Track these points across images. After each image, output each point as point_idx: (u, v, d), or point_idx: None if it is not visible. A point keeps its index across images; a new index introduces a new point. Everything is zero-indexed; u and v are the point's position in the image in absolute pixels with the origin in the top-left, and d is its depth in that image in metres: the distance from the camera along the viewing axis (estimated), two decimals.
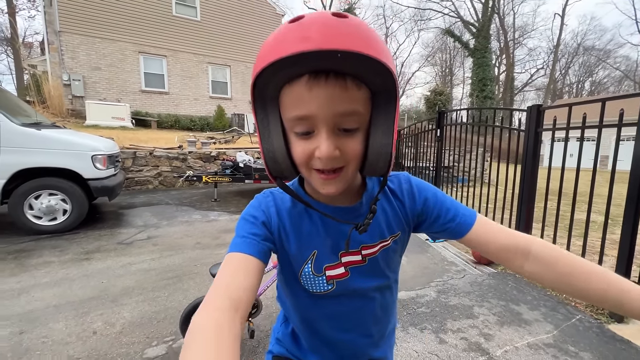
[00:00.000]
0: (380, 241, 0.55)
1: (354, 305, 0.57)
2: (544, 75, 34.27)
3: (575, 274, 0.46)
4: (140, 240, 3.45)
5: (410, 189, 0.57)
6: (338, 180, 0.45)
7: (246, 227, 0.50)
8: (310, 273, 0.54)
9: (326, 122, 0.41)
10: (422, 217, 0.56)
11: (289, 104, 0.42)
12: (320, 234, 0.53)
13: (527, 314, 2.04)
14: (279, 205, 0.54)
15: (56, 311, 2.02)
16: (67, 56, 10.13)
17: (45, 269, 2.65)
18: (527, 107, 2.62)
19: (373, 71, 0.39)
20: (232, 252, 0.47)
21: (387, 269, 0.57)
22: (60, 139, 3.61)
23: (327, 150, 0.41)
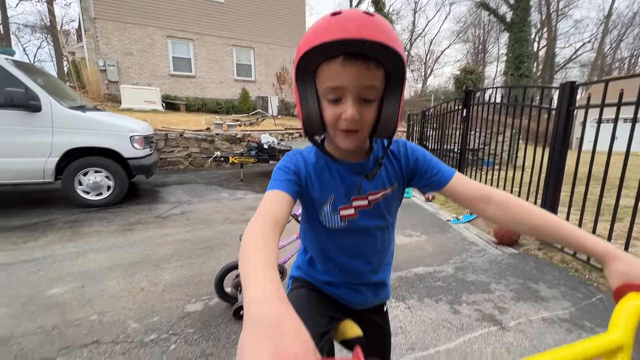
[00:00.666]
0: (383, 189, 0.70)
1: (359, 239, 0.72)
2: (591, 49, 31.10)
3: (524, 214, 0.60)
4: (175, 214, 3.75)
5: (406, 151, 0.73)
6: (356, 138, 0.60)
7: (281, 174, 0.65)
8: (329, 212, 0.69)
9: (352, 93, 0.55)
10: (413, 172, 0.72)
11: (326, 77, 0.56)
12: (337, 183, 0.69)
13: (545, 291, 2.06)
14: (306, 160, 0.69)
15: (109, 271, 2.32)
16: (102, 42, 10.63)
17: (96, 237, 2.98)
18: (560, 84, 2.50)
19: (389, 57, 0.53)
20: (270, 190, 0.60)
21: (387, 213, 0.73)
22: (102, 121, 3.92)
23: (351, 114, 0.55)
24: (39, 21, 25.50)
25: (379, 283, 0.79)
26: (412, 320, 1.75)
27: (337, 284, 0.76)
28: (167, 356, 1.50)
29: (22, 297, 1.95)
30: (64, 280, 2.17)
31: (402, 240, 3.05)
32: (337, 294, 0.76)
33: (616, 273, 0.49)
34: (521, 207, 0.61)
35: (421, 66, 33.29)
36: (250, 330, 0.29)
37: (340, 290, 0.76)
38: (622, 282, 0.48)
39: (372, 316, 0.81)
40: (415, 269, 2.40)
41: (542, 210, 0.60)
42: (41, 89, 3.54)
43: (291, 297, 0.75)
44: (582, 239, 0.55)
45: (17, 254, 2.57)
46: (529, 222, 0.60)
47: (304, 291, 0.76)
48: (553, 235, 0.58)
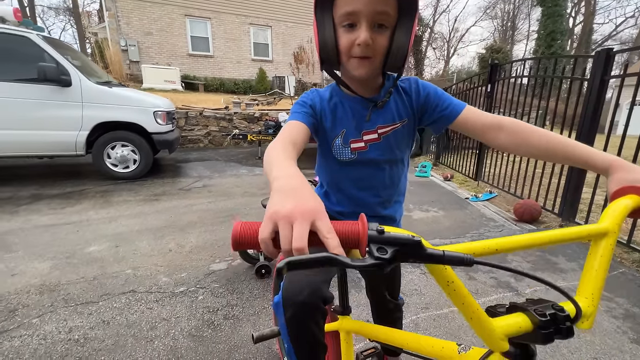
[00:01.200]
0: (392, 123, 0.73)
1: (369, 171, 0.77)
2: (635, 25, 28.51)
3: (533, 137, 0.62)
4: (197, 187, 3.90)
5: (417, 87, 0.74)
6: (368, 65, 0.63)
7: (298, 107, 0.72)
8: (340, 144, 0.74)
9: (366, 17, 0.58)
10: (424, 107, 0.74)
11: (342, 3, 0.60)
12: (348, 117, 0.73)
13: (564, 264, 2.05)
14: (321, 96, 0.75)
15: (139, 234, 2.48)
16: (123, 22, 10.77)
17: (125, 205, 3.17)
18: (595, 52, 2.35)
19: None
20: (289, 121, 0.68)
21: (396, 148, 0.75)
22: (127, 96, 4.05)
23: (365, 38, 0.59)
24: (61, 3, 26.01)
25: (388, 217, 0.83)
26: (427, 284, 1.80)
27: (349, 214, 0.81)
28: (196, 304, 1.63)
29: (65, 252, 2.14)
30: (100, 240, 2.35)
31: (419, 215, 3.06)
32: None
33: (616, 180, 0.50)
34: (530, 130, 0.63)
35: (444, 45, 31.79)
36: (277, 193, 0.36)
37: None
38: (621, 185, 0.49)
39: None
40: (432, 240, 2.43)
41: (551, 132, 0.62)
42: (70, 64, 3.68)
43: None
44: (587, 154, 0.56)
45: (56, 218, 2.78)
46: (538, 143, 0.61)
47: None
48: (560, 153, 0.59)
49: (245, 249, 0.28)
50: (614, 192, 0.49)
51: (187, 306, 1.62)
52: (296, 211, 0.32)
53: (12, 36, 3.51)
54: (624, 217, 0.45)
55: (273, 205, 0.34)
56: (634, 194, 0.47)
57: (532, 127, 0.64)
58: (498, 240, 0.40)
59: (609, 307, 1.63)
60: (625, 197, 0.47)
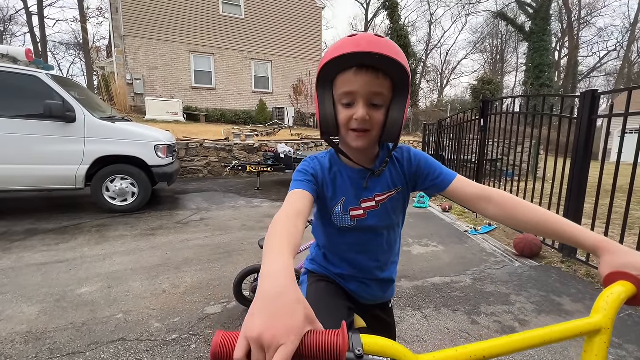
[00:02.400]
0: (388, 191, 0.77)
1: (367, 237, 0.78)
2: (617, 58, 30.03)
3: (521, 211, 0.64)
4: (195, 221, 3.87)
5: (409, 156, 0.79)
6: (365, 138, 0.68)
7: (300, 176, 0.73)
8: (340, 212, 0.76)
9: (363, 97, 0.64)
10: (416, 175, 0.77)
11: (341, 84, 0.65)
12: (347, 186, 0.76)
13: (569, 305, 1.99)
14: (322, 165, 0.78)
15: (133, 273, 2.42)
16: (130, 58, 11.27)
17: (121, 241, 3.13)
18: (581, 93, 2.46)
19: (396, 69, 0.62)
20: (292, 190, 0.68)
21: (393, 213, 0.78)
22: (129, 131, 4.14)
23: (362, 114, 0.64)
24: (73, 39, 27.36)
25: (386, 280, 0.84)
26: (428, 330, 1.73)
27: (348, 277, 0.81)
28: (188, 355, 1.55)
29: (55, 295, 2.08)
30: (93, 280, 2.29)
31: (419, 250, 3.02)
32: (348, 287, 0.82)
33: (607, 263, 0.50)
34: (519, 205, 0.65)
35: (437, 77, 33.16)
36: (257, 300, 0.35)
37: (352, 284, 0.82)
38: (612, 270, 0.49)
39: (377, 312, 0.86)
40: (432, 279, 2.37)
41: (539, 207, 0.64)
42: (76, 101, 3.80)
43: (312, 290, 0.80)
44: (575, 233, 0.57)
45: (49, 255, 2.73)
46: (526, 218, 0.63)
47: (323, 284, 0.81)
48: (549, 230, 0.61)
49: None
50: (605, 276, 0.50)
51: (179, 356, 1.54)
52: (266, 335, 0.31)
53: (23, 76, 3.65)
54: (618, 309, 0.44)
55: (248, 320, 0.34)
56: (626, 280, 0.47)
57: (519, 201, 0.66)
58: (485, 345, 0.38)
59: (618, 355, 1.56)
60: (617, 284, 0.47)
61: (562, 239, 0.59)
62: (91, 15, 23.89)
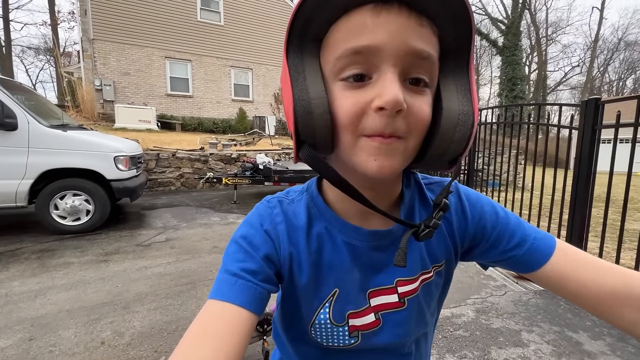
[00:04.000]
0: (422, 273, 0.40)
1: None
2: (580, 73, 32.02)
3: None
4: (159, 242, 3.40)
5: (459, 202, 0.42)
6: (396, 152, 0.31)
7: (238, 257, 0.34)
8: (328, 321, 0.39)
9: (395, 60, 0.29)
10: (475, 240, 0.41)
11: (342, 39, 0.30)
12: (345, 264, 0.38)
13: (588, 344, 1.72)
14: (290, 221, 0.38)
15: (68, 316, 1.95)
16: (100, 62, 10.60)
17: (64, 270, 2.62)
18: (582, 101, 2.28)
19: (453, 16, 0.29)
20: (213, 300, 0.33)
21: (429, 312, 0.43)
22: (84, 140, 3.65)
23: (394, 94, 0.28)
24: (42, 44, 25.96)
25: None
26: None
27: None
28: None
29: None
30: (12, 330, 1.80)
31: None
32: None
33: None
34: None
35: None
36: None
37: None
38: None
39: None
40: None
41: None
42: (19, 106, 3.29)
43: None
44: None
45: None
46: None
47: None
48: None
49: None
50: None
51: None
52: None
53: None
54: None
55: None
56: None
57: None
58: None
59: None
60: None
61: None
62: (62, 19, 22.81)
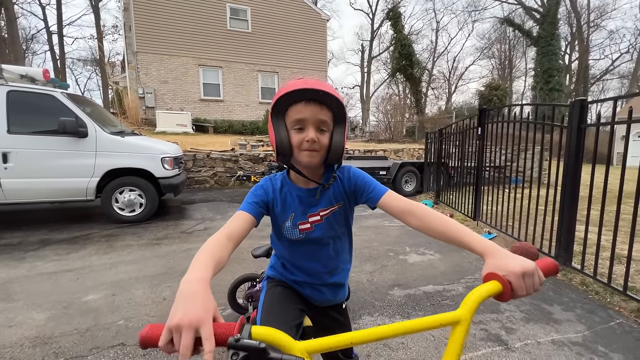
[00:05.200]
0: (331, 206, 0.88)
1: (315, 247, 0.90)
2: (631, 60, 29.28)
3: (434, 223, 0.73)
4: (199, 230, 4.00)
5: (349, 175, 0.89)
6: (314, 156, 0.80)
7: (251, 197, 0.85)
8: (289, 227, 0.88)
9: (312, 123, 0.78)
10: (354, 192, 0.88)
11: (294, 113, 0.78)
12: (296, 204, 0.88)
13: (559, 314, 1.99)
14: (274, 186, 0.90)
15: (136, 282, 2.54)
16: (142, 72, 11.74)
17: (127, 250, 3.27)
18: (570, 102, 2.49)
19: (335, 104, 0.78)
20: (239, 211, 0.81)
21: (336, 225, 0.90)
22: (138, 144, 4.34)
23: (312, 136, 0.77)
24: (89, 55, 28.61)
25: (336, 284, 0.95)
26: (413, 337, 1.77)
27: (302, 283, 0.93)
28: None
29: (63, 302, 2.21)
30: (98, 288, 2.41)
31: (415, 259, 3.05)
32: (303, 292, 0.93)
33: (487, 265, 0.58)
34: (434, 218, 0.74)
35: (444, 83, 33.07)
36: (176, 300, 0.47)
37: (306, 289, 0.94)
38: (487, 271, 0.56)
39: (332, 313, 0.99)
40: (425, 287, 2.41)
41: (448, 219, 0.73)
42: (88, 117, 4.02)
43: (269, 294, 0.92)
44: (469, 240, 0.66)
45: (60, 264, 2.88)
46: (437, 228, 0.72)
47: (279, 289, 0.93)
48: (450, 237, 0.70)
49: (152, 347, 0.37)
50: (483, 276, 0.57)
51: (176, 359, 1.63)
52: (184, 321, 0.43)
53: (40, 95, 3.91)
54: (478, 304, 0.51)
55: (170, 315, 0.45)
56: (495, 279, 0.54)
57: (435, 214, 0.75)
58: (354, 334, 0.46)
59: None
60: (487, 283, 0.54)
61: (460, 244, 0.68)
62: (107, 33, 25.02)
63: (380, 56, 30.11)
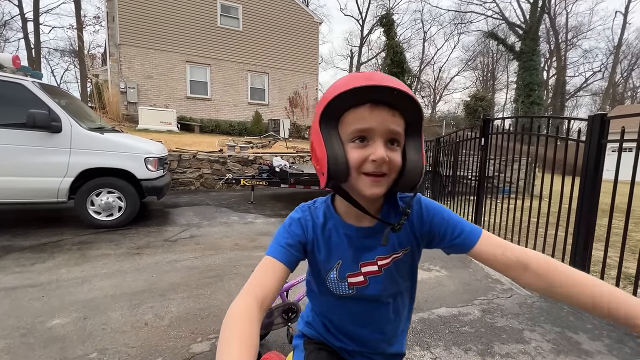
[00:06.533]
0: (393, 253, 0.65)
1: (371, 307, 0.68)
2: (602, 78, 31.07)
3: (566, 284, 0.52)
4: (184, 238, 3.66)
5: (420, 209, 0.66)
6: (382, 184, 0.57)
7: (284, 236, 0.63)
8: (335, 279, 0.66)
9: (381, 135, 0.56)
10: (430, 235, 0.66)
11: (352, 121, 0.56)
12: (344, 247, 0.65)
13: (587, 344, 1.85)
14: (314, 220, 0.66)
15: (113, 301, 2.21)
16: (125, 66, 11.15)
17: (103, 261, 2.90)
18: (589, 116, 2.40)
19: (411, 108, 0.56)
20: (268, 256, 0.60)
21: (400, 278, 0.67)
22: (119, 142, 3.96)
23: (381, 154, 0.54)
24: (68, 46, 27.20)
25: (396, 354, 0.73)
26: None
27: (352, 352, 0.71)
28: None
29: (21, 328, 1.85)
30: (67, 310, 2.07)
31: (422, 275, 2.86)
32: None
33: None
34: (568, 277, 0.53)
35: (430, 92, 33.77)
36: None
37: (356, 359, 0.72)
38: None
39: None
40: (438, 309, 2.22)
41: (585, 276, 0.53)
42: (63, 110, 3.62)
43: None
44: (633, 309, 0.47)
45: (23, 277, 2.50)
46: (570, 292, 0.52)
47: (325, 355, 0.71)
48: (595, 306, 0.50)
49: None
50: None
51: None
52: None
53: (7, 83, 3.48)
54: None
55: None
56: None
57: (562, 267, 0.54)
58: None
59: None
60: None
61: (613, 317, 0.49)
62: (87, 23, 23.84)
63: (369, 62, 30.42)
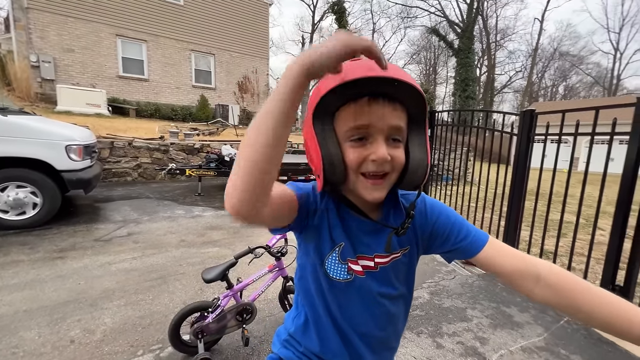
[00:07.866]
0: (392, 253, 0.60)
1: (363, 303, 0.61)
2: (522, 77, 35.41)
3: (581, 300, 0.49)
4: (120, 237, 3.26)
5: (424, 208, 0.62)
6: (383, 187, 0.53)
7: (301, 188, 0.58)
8: (336, 259, 0.60)
9: (382, 132, 0.51)
10: (433, 236, 0.61)
11: (349, 117, 0.50)
12: (346, 233, 0.60)
13: (518, 316, 2.08)
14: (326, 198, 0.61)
15: (27, 317, 1.86)
16: (36, 35, 9.38)
17: (13, 269, 2.43)
18: (520, 112, 2.66)
19: (414, 99, 0.51)
20: (288, 186, 0.57)
21: (395, 281, 0.62)
22: (29, 127, 3.31)
23: (383, 153, 0.50)
24: None
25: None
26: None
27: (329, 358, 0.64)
28: None
29: None
30: None
31: None
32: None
33: None
34: (576, 287, 0.49)
35: None
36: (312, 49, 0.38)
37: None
38: None
39: None
40: None
41: (601, 291, 0.49)
42: None
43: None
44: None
45: None
46: (583, 307, 0.49)
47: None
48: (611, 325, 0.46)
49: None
50: None
51: None
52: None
53: None
54: None
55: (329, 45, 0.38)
56: None
57: (575, 280, 0.50)
58: None
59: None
60: None
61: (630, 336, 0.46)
62: None
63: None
